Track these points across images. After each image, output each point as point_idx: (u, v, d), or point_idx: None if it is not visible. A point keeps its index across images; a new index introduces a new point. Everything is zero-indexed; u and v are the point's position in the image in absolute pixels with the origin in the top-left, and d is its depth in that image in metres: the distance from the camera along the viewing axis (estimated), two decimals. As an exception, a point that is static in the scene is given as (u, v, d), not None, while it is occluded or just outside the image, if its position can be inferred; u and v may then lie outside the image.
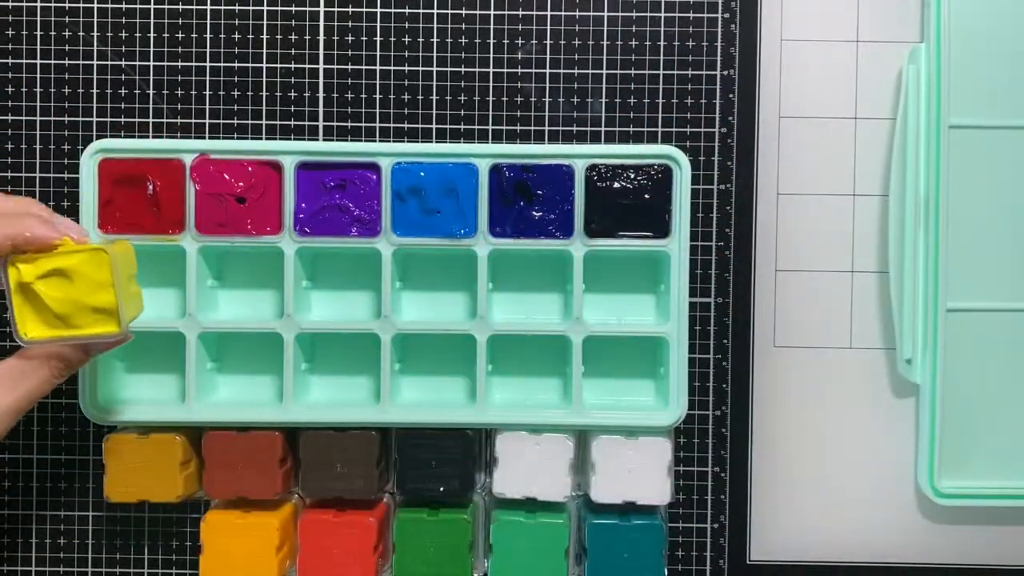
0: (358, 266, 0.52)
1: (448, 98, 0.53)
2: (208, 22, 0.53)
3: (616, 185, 0.50)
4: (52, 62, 0.53)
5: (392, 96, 0.53)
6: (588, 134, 0.53)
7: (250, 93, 0.53)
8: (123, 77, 0.53)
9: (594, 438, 0.50)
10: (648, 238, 0.50)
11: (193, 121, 0.53)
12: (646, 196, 0.50)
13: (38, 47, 0.53)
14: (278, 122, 0.53)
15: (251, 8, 0.53)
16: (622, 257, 0.51)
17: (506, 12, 0.53)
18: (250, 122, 0.53)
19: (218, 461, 0.50)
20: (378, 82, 0.53)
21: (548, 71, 0.53)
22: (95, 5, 0.53)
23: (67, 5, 0.53)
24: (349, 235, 0.50)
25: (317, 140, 0.53)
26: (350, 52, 0.53)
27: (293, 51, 0.53)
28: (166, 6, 0.53)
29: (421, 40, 0.53)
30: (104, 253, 0.43)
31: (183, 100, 0.53)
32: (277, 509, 0.50)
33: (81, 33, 0.53)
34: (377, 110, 0.53)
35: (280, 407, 0.50)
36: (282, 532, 0.50)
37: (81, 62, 0.53)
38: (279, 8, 0.53)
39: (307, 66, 0.53)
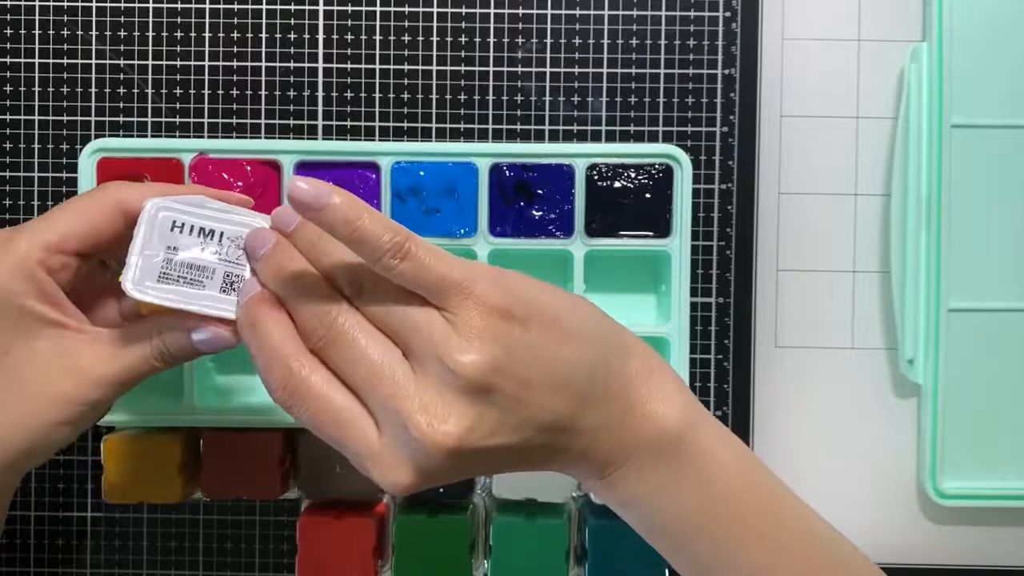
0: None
1: (448, 98, 0.53)
2: (207, 21, 0.53)
3: (617, 184, 0.49)
4: (51, 61, 0.53)
5: (392, 96, 0.53)
6: (588, 133, 0.53)
7: (249, 92, 0.53)
8: (122, 76, 0.53)
9: (594, 439, 0.50)
10: (649, 238, 0.50)
11: (192, 120, 0.53)
12: (647, 196, 0.49)
13: (36, 46, 0.53)
14: (277, 121, 0.53)
15: (250, 7, 0.53)
16: (623, 257, 0.51)
17: (506, 12, 0.53)
18: (249, 121, 0.53)
19: (217, 461, 0.49)
20: (378, 81, 0.53)
21: (548, 71, 0.53)
22: (94, 4, 0.53)
23: (66, 4, 0.53)
24: (349, 235, 0.50)
25: (316, 139, 0.53)
26: (350, 51, 0.53)
27: (292, 50, 0.53)
28: (165, 5, 0.53)
29: (421, 40, 0.53)
30: None
31: (182, 99, 0.53)
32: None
33: (80, 32, 0.53)
34: (377, 109, 0.53)
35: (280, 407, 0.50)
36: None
37: (80, 61, 0.53)
38: (278, 7, 0.53)
39: (307, 65, 0.53)
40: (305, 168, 0.50)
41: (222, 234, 0.39)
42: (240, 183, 0.50)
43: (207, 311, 0.38)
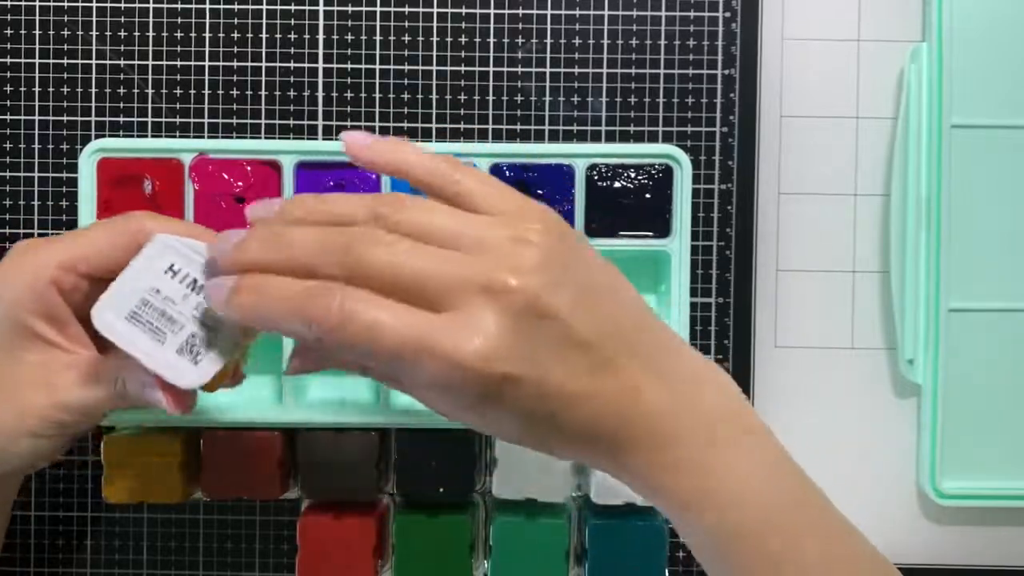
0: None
1: (448, 98, 0.53)
2: (207, 21, 0.53)
3: (616, 184, 0.49)
4: (51, 61, 0.53)
5: (392, 96, 0.53)
6: (588, 133, 0.53)
7: (249, 92, 0.53)
8: (122, 76, 0.53)
9: (594, 438, 0.50)
10: (649, 238, 0.50)
11: (192, 120, 0.53)
12: (647, 196, 0.49)
13: (37, 46, 0.53)
14: (277, 121, 0.53)
15: (250, 7, 0.53)
16: (623, 257, 0.51)
17: (506, 12, 0.53)
18: (249, 121, 0.53)
19: (217, 461, 0.49)
20: (378, 82, 0.53)
21: (548, 71, 0.53)
22: (94, 4, 0.53)
23: (66, 4, 0.53)
24: (349, 235, 0.50)
25: (316, 140, 0.53)
26: (350, 52, 0.53)
27: (293, 50, 0.53)
28: (165, 5, 0.53)
29: (421, 40, 0.53)
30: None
31: (182, 99, 0.53)
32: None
33: (80, 32, 0.53)
34: (377, 110, 0.53)
35: (280, 407, 0.50)
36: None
37: (80, 61, 0.53)
38: (278, 7, 0.53)
39: (307, 65, 0.53)
40: (305, 168, 0.50)
41: None
42: (240, 183, 0.50)
43: (149, 366, 0.36)
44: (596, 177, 0.49)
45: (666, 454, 0.34)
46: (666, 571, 0.49)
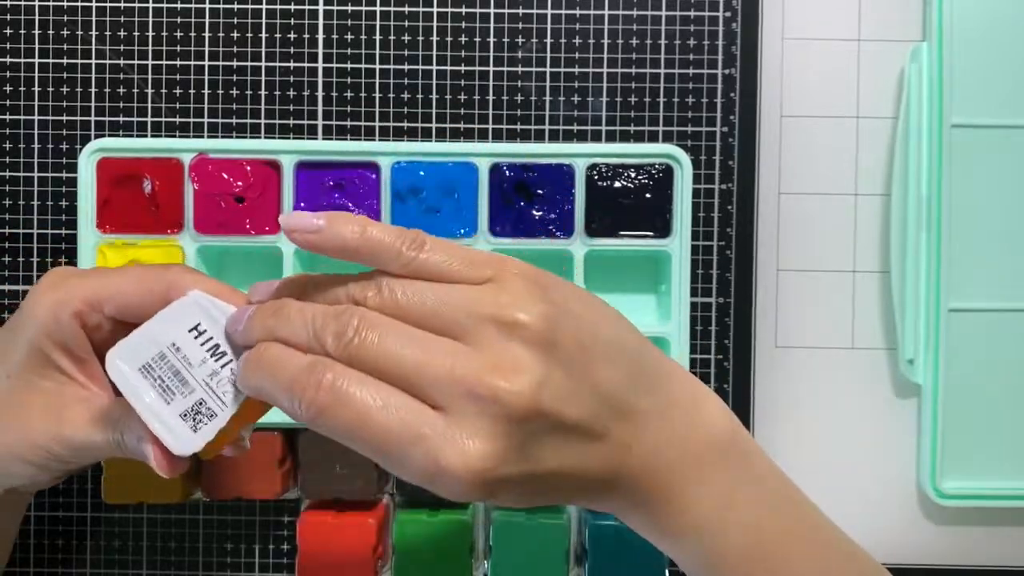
0: (358, 266, 0.51)
1: (448, 98, 0.53)
2: (207, 20, 0.53)
3: (617, 184, 0.49)
4: (50, 61, 0.53)
5: (392, 95, 0.53)
6: (588, 133, 0.53)
7: (249, 92, 0.53)
8: (121, 76, 0.53)
9: (594, 439, 0.50)
10: (649, 237, 0.50)
11: (192, 120, 0.53)
12: (647, 195, 0.49)
13: (36, 46, 0.53)
14: (277, 121, 0.53)
15: (250, 7, 0.53)
16: (623, 257, 0.51)
17: (506, 12, 0.53)
18: (249, 121, 0.53)
19: (218, 461, 0.49)
20: (378, 81, 0.53)
21: (548, 71, 0.53)
22: (94, 4, 0.53)
23: (66, 4, 0.53)
24: (349, 235, 0.50)
25: (316, 139, 0.53)
26: (349, 51, 0.53)
27: (292, 50, 0.53)
28: (165, 5, 0.53)
29: (421, 39, 0.53)
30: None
31: (181, 99, 0.53)
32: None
33: (80, 32, 0.53)
34: (377, 109, 0.53)
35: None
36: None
37: (80, 61, 0.53)
38: (278, 7, 0.53)
39: (306, 65, 0.53)
40: (305, 168, 0.50)
41: (229, 362, 0.36)
42: (240, 183, 0.50)
43: (149, 422, 0.35)
44: (596, 177, 0.49)
45: (654, 486, 0.34)
46: (666, 571, 0.49)
